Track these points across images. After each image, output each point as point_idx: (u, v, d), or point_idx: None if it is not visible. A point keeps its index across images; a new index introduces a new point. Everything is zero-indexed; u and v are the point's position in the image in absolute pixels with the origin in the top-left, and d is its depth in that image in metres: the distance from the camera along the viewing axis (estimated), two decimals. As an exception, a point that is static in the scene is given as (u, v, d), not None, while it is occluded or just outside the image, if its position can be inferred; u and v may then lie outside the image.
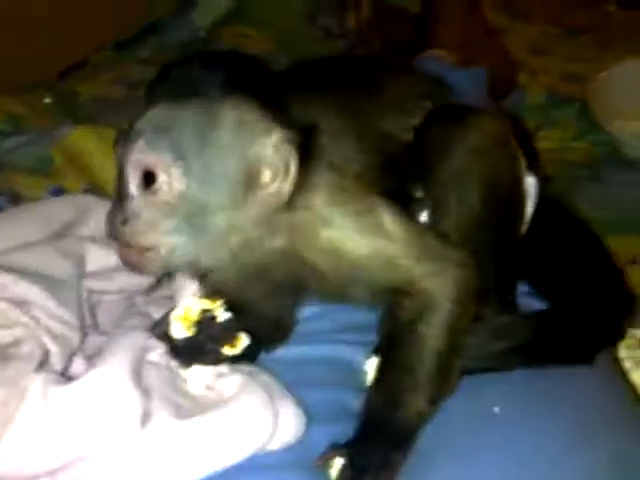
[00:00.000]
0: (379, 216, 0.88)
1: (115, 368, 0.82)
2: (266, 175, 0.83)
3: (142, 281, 1.04)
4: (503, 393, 0.89)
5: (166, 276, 1.10)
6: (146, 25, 2.02)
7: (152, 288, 1.06)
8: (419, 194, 0.99)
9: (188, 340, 0.92)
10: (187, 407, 0.84)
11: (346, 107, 0.96)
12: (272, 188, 0.83)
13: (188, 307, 0.93)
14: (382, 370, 0.89)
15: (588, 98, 1.74)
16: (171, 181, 0.80)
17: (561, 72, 1.95)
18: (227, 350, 0.92)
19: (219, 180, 0.81)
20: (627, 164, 1.66)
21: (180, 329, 0.91)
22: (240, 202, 0.83)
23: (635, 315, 1.02)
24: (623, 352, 1.22)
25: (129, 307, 1.05)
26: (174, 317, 0.92)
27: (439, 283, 0.89)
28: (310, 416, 0.87)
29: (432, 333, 0.87)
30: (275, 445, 0.83)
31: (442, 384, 0.87)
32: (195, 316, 0.93)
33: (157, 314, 1.01)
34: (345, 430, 0.87)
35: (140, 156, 0.80)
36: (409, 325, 0.88)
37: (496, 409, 0.84)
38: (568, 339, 0.95)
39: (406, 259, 0.89)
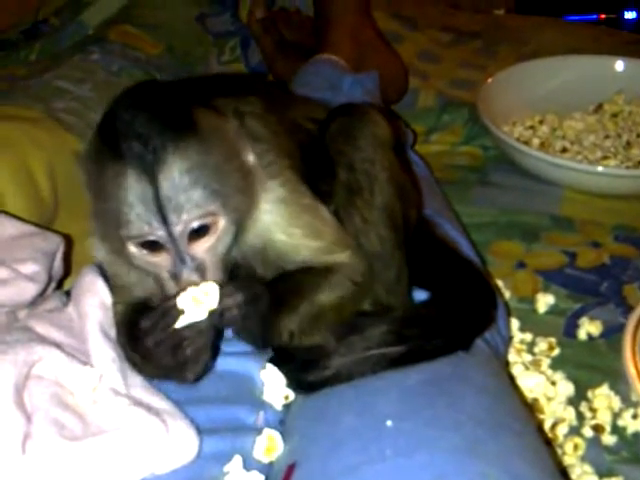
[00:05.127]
0: (317, 211, 0.99)
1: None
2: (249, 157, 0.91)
3: (25, 295, 1.00)
4: (396, 404, 0.89)
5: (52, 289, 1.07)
6: (32, 26, 1.95)
7: (35, 302, 1.02)
8: (325, 187, 1.05)
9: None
10: (72, 427, 0.81)
11: (260, 101, 1.01)
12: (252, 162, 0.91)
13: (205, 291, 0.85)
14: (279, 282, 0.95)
15: (477, 103, 1.77)
16: (218, 222, 0.87)
17: (452, 79, 1.98)
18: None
19: (234, 188, 0.88)
20: (514, 168, 1.69)
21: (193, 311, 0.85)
22: (244, 189, 0.90)
23: (497, 308, 1.11)
24: (512, 357, 1.25)
25: (11, 322, 1.00)
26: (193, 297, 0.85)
27: (348, 261, 0.99)
28: (203, 433, 0.85)
29: (327, 286, 0.97)
30: (166, 469, 0.81)
31: (312, 328, 0.95)
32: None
33: (40, 328, 0.95)
34: (242, 444, 0.87)
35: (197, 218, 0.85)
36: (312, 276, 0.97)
37: (389, 422, 0.84)
38: (448, 326, 1.01)
39: (333, 246, 0.98)
